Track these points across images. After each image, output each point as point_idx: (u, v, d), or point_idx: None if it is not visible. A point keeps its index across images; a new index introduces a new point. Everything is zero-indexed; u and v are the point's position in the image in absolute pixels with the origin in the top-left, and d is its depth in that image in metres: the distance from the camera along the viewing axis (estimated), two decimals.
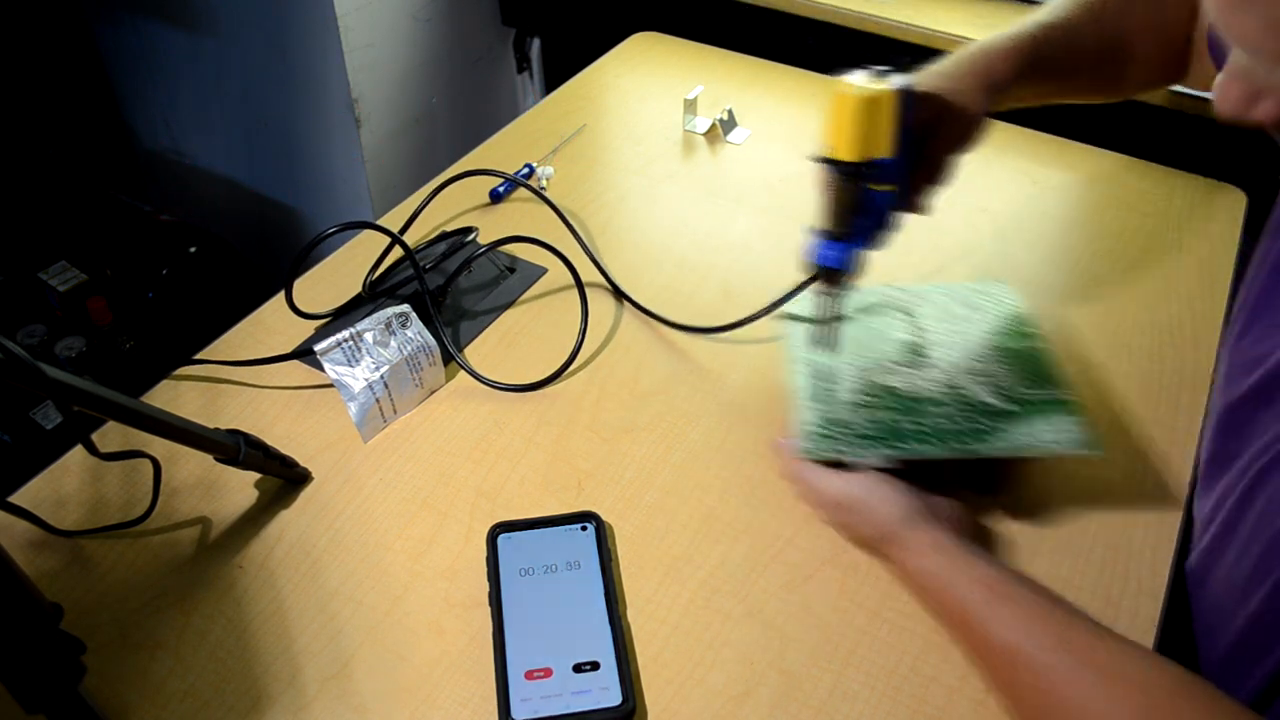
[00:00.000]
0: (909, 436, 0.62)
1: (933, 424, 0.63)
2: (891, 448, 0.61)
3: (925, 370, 0.67)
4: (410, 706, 0.55)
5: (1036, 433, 0.62)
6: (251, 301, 0.81)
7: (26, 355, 0.46)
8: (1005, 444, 0.61)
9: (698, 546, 0.63)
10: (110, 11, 1.60)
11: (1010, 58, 0.66)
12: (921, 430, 0.62)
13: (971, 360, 0.68)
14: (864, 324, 0.72)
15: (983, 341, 0.70)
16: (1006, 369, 0.67)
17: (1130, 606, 0.60)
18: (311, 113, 1.48)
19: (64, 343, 1.35)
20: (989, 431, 0.62)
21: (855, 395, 0.65)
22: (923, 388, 0.66)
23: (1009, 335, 0.70)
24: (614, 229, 0.90)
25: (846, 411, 0.64)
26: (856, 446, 0.61)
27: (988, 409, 0.64)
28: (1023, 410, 0.64)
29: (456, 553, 0.63)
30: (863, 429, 0.62)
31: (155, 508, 0.63)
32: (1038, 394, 0.65)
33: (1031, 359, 0.68)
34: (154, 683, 0.56)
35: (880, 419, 0.63)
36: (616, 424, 0.72)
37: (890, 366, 0.68)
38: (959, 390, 0.65)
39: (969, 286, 0.76)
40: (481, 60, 1.64)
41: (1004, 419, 0.63)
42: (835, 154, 0.57)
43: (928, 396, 0.65)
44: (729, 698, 0.56)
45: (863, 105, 0.55)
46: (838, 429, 0.62)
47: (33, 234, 1.47)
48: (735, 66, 1.15)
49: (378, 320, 0.71)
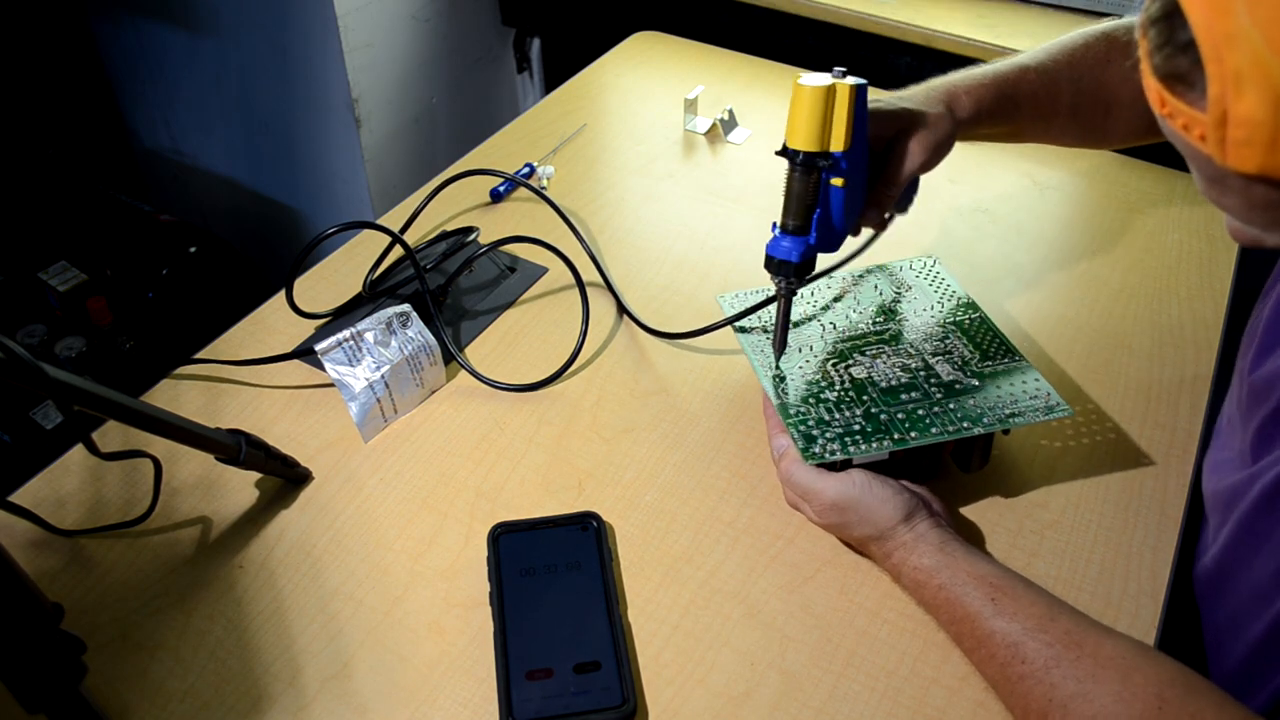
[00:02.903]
0: (902, 425, 0.62)
1: (920, 409, 0.63)
2: (894, 440, 0.61)
3: (886, 357, 0.68)
4: (410, 707, 0.55)
5: (1019, 401, 0.63)
6: (251, 301, 0.81)
7: (27, 355, 0.46)
8: (993, 417, 0.62)
9: (698, 546, 0.63)
10: (110, 11, 1.60)
11: (974, 92, 0.68)
12: (913, 416, 0.63)
13: (925, 339, 0.69)
14: (811, 318, 0.72)
15: (930, 319, 0.71)
16: (962, 343, 0.69)
17: (1130, 608, 0.60)
18: (311, 113, 1.47)
19: (64, 343, 1.34)
20: (973, 408, 0.63)
21: (831, 393, 0.65)
22: (891, 375, 0.66)
23: (953, 309, 0.72)
24: (614, 229, 0.90)
25: (827, 410, 0.64)
26: (860, 443, 0.61)
27: (961, 386, 0.65)
28: (993, 381, 0.65)
29: (456, 553, 0.63)
30: (856, 424, 0.62)
31: (155, 508, 0.63)
32: (1002, 364, 0.66)
33: (980, 329, 0.70)
34: (154, 683, 0.56)
35: (869, 413, 0.63)
36: (616, 424, 0.72)
37: (852, 358, 0.68)
38: (928, 371, 0.66)
39: (900, 264, 0.77)
40: (481, 60, 1.64)
41: (977, 393, 0.64)
42: (791, 143, 0.60)
43: (900, 384, 0.65)
44: (729, 698, 0.56)
45: (817, 96, 0.58)
46: (834, 429, 0.62)
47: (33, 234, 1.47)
48: (735, 66, 1.15)
49: (378, 320, 0.71)
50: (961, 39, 1.20)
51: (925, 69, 1.28)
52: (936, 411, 0.63)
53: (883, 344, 0.69)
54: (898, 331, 0.70)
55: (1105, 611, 0.60)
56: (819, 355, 0.69)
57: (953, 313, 0.72)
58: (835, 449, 0.61)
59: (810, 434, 0.62)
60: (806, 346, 0.70)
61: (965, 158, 1.00)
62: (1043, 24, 1.22)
